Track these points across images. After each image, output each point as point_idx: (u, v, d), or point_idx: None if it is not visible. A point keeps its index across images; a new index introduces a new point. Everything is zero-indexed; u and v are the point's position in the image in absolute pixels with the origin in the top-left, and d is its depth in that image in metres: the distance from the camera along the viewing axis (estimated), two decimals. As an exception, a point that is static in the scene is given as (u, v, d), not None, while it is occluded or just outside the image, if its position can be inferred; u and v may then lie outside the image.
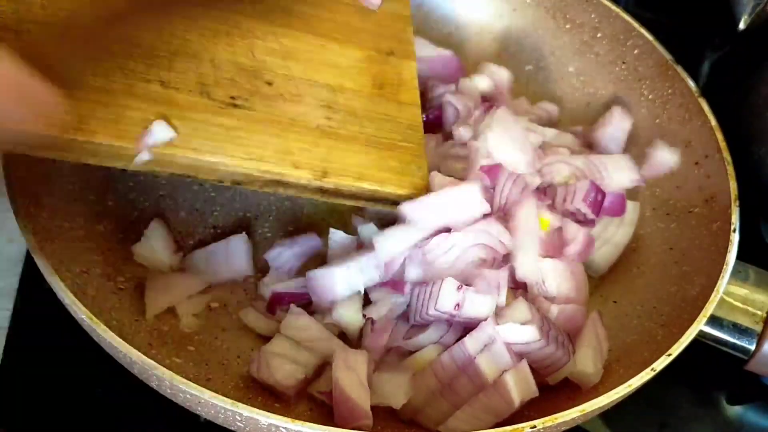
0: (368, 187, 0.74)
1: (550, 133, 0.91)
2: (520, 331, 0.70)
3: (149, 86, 0.67)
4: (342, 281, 0.74)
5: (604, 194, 0.83)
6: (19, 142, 0.60)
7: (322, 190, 0.73)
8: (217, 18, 0.75)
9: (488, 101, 0.93)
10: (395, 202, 0.75)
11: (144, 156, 0.64)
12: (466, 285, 0.72)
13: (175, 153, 0.65)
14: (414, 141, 0.79)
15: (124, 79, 0.66)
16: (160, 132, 0.65)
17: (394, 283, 0.75)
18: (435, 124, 0.90)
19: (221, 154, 0.67)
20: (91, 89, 0.64)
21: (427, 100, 0.94)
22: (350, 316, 0.76)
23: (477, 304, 0.71)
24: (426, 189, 0.76)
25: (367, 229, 0.80)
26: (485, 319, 0.71)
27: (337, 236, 0.81)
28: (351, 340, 0.76)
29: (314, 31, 0.80)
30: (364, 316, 0.76)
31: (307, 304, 0.78)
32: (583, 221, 0.83)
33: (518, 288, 0.77)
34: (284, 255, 0.82)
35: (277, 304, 0.79)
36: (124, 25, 0.69)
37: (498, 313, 0.72)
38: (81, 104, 0.62)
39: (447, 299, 0.71)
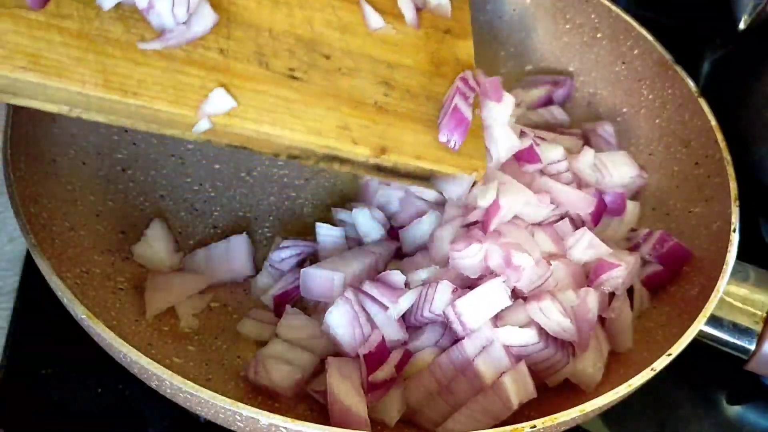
0: (426, 166, 0.72)
1: (549, 135, 0.91)
2: (519, 334, 0.70)
3: (208, 53, 0.66)
4: (338, 285, 0.74)
5: (605, 205, 0.84)
6: (76, 104, 0.60)
7: (379, 168, 0.72)
8: None
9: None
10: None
11: (203, 125, 0.63)
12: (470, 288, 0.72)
13: (234, 123, 0.64)
14: (471, 122, 0.77)
15: (185, 45, 0.65)
16: (220, 101, 0.63)
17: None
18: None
19: (281, 127, 0.66)
20: (148, 53, 0.63)
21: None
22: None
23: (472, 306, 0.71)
24: (483, 170, 0.75)
25: (349, 217, 0.81)
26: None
27: (324, 229, 0.81)
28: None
29: (372, 4, 0.77)
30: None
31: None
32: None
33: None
34: (288, 256, 0.82)
35: (285, 304, 0.79)
36: None
37: (498, 315, 0.72)
38: (139, 68, 0.61)
39: (442, 302, 0.71)
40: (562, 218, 0.80)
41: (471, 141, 0.76)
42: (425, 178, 0.74)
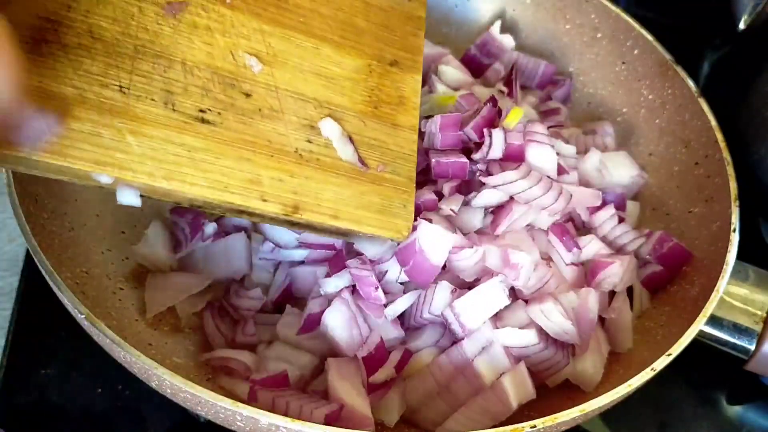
0: (343, 226, 0.66)
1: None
2: (519, 335, 0.70)
3: (105, 92, 0.58)
4: (330, 282, 0.74)
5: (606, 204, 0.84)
6: None
7: (292, 223, 0.66)
8: (197, 7, 0.64)
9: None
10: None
11: (99, 178, 0.58)
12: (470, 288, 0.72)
13: (125, 178, 0.58)
14: (403, 173, 0.70)
15: (77, 81, 0.57)
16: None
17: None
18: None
19: (179, 181, 0.59)
20: (33, 92, 0.55)
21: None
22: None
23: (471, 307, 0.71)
24: (409, 231, 0.69)
25: None
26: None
27: None
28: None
29: (309, 30, 0.70)
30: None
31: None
32: (581, 227, 0.83)
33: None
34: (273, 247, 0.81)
35: (285, 304, 0.78)
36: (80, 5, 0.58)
37: (498, 316, 0.72)
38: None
39: (441, 303, 0.71)
40: (569, 220, 0.80)
41: (398, 197, 0.69)
42: (344, 234, 0.69)
